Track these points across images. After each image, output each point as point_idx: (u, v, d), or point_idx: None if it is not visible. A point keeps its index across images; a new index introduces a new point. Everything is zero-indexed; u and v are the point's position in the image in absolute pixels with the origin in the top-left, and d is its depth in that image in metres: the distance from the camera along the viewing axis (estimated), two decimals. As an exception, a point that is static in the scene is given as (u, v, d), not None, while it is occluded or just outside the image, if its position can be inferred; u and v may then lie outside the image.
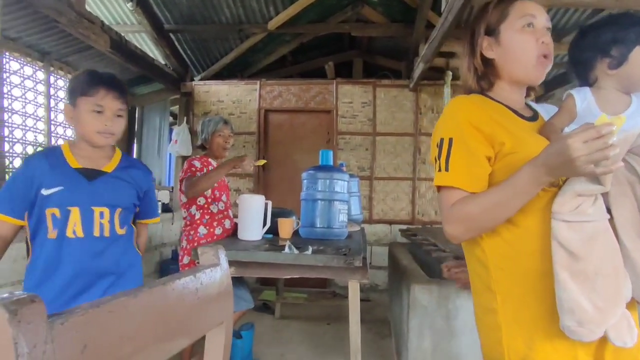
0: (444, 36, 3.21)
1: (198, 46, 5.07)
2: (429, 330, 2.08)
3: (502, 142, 0.94)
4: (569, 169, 0.78)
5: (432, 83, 5.00)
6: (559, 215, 0.86)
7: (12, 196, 1.36)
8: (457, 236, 0.95)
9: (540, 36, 0.98)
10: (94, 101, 1.36)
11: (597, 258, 0.84)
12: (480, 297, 1.01)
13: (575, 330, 0.82)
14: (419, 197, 5.04)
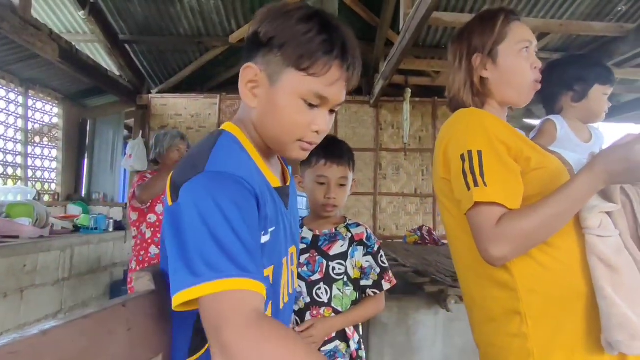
0: (402, 54, 3.29)
1: (155, 58, 4.94)
2: (389, 348, 2.05)
3: (527, 157, 0.92)
4: (635, 174, 0.80)
5: (392, 99, 5.11)
6: (592, 230, 0.86)
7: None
8: (506, 256, 0.85)
9: (534, 62, 1.00)
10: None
11: (628, 270, 0.85)
12: (497, 322, 0.95)
13: (629, 345, 0.80)
14: (380, 212, 5.08)
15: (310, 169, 1.30)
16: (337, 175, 1.28)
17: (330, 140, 1.36)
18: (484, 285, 0.97)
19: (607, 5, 3.77)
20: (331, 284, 1.27)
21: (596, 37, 3.61)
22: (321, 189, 1.28)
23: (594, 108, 1.12)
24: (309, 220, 1.39)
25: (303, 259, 1.30)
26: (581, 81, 1.12)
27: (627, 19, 3.82)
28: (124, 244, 4.58)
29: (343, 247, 1.31)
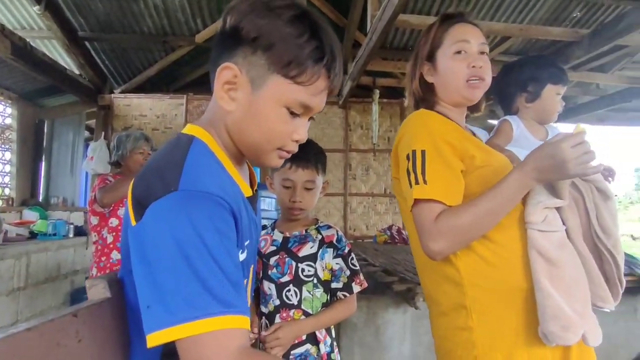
0: (369, 55, 3.32)
1: (117, 56, 4.76)
2: (358, 348, 2.05)
3: (472, 156, 0.96)
4: (560, 171, 0.82)
5: (361, 100, 5.15)
6: (534, 225, 0.90)
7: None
8: (443, 251, 0.90)
9: (472, 61, 1.02)
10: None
11: (569, 265, 0.90)
12: (447, 316, 0.99)
13: (561, 335, 0.84)
14: (350, 212, 5.11)
15: (277, 172, 1.29)
16: (302, 178, 1.27)
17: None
18: (436, 281, 1.01)
19: (563, 11, 3.94)
20: (301, 285, 1.26)
21: (554, 41, 3.77)
22: (287, 192, 1.28)
23: (547, 108, 1.14)
24: (280, 223, 1.38)
25: (272, 260, 1.29)
26: (534, 81, 1.15)
27: (582, 24, 4.01)
28: (85, 250, 4.40)
29: (313, 248, 1.30)
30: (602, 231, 0.94)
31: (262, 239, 1.36)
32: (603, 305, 0.94)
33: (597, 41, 3.20)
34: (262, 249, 1.34)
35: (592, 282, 0.93)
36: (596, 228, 0.94)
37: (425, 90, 1.09)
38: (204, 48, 4.67)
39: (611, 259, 0.93)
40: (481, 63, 1.02)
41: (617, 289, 0.94)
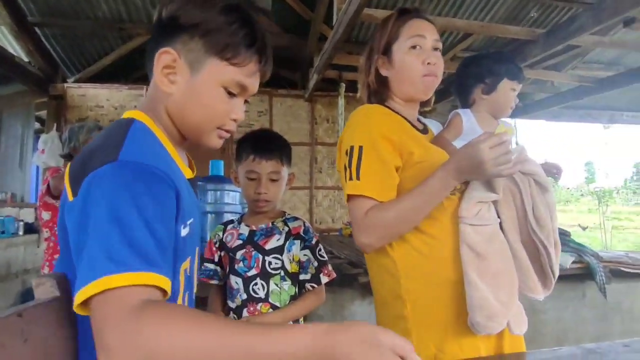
0: (335, 49, 3.32)
1: (70, 43, 4.51)
2: (325, 341, 2.06)
3: (410, 152, 0.98)
4: (478, 171, 0.84)
5: (327, 94, 5.15)
6: (466, 219, 0.93)
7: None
8: (371, 244, 0.94)
9: (426, 57, 1.03)
10: None
11: (498, 257, 0.94)
12: (387, 305, 1.02)
13: (486, 325, 0.88)
14: (316, 206, 5.11)
15: (241, 165, 1.27)
16: (267, 170, 1.26)
17: (261, 135, 1.34)
18: (377, 272, 1.05)
19: (521, 11, 4.09)
20: (268, 279, 1.25)
21: (513, 39, 3.91)
22: (252, 184, 1.26)
23: (502, 101, 1.17)
24: (246, 216, 1.37)
25: (239, 255, 1.27)
26: (492, 74, 1.17)
27: (538, 24, 4.18)
28: (36, 248, 4.16)
29: (279, 241, 1.29)
30: (536, 223, 0.97)
31: (228, 233, 1.34)
32: (532, 295, 0.98)
33: (552, 40, 3.34)
34: (229, 243, 1.32)
35: (522, 273, 0.97)
36: (531, 220, 0.97)
37: (379, 83, 1.10)
38: (164, 37, 4.51)
39: (544, 250, 0.97)
40: (435, 59, 1.04)
41: (550, 279, 0.99)
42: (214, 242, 1.37)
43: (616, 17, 2.76)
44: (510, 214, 0.99)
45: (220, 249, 1.35)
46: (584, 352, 0.90)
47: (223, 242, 1.34)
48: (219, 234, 1.37)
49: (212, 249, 1.37)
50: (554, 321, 2.63)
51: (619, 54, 4.92)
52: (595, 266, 2.60)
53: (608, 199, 11.52)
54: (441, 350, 0.93)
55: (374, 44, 1.11)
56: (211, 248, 1.37)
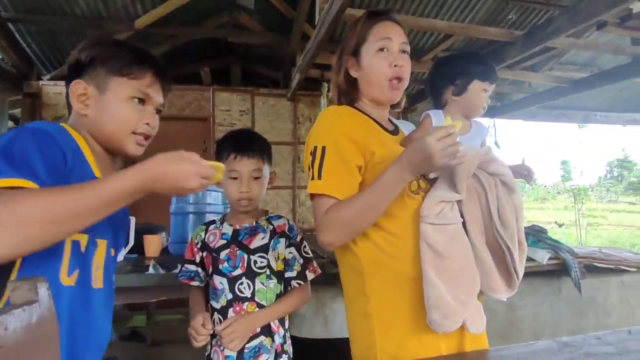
0: (318, 48, 3.32)
1: (47, 40, 4.38)
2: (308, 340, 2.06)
3: (372, 152, 0.99)
4: (428, 163, 0.86)
5: (309, 93, 5.14)
6: (427, 218, 0.95)
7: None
8: (332, 242, 0.96)
9: (393, 60, 1.05)
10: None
11: (458, 256, 0.96)
12: (353, 303, 1.04)
13: (441, 323, 0.91)
14: (299, 205, 5.11)
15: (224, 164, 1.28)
16: (248, 168, 1.26)
17: (241, 134, 1.34)
18: (345, 269, 1.07)
19: (500, 13, 4.17)
20: (254, 277, 1.25)
21: (492, 40, 3.98)
22: (234, 183, 1.26)
23: (473, 102, 1.18)
24: (229, 216, 1.37)
25: (223, 254, 1.27)
26: (463, 75, 1.18)
27: (516, 26, 4.27)
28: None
29: (264, 239, 1.29)
30: (501, 224, 0.99)
31: (210, 233, 1.33)
32: (495, 295, 1.01)
33: (530, 42, 3.42)
34: (211, 244, 1.31)
35: (484, 273, 0.99)
36: (496, 221, 0.99)
37: (349, 84, 1.12)
38: (143, 35, 4.43)
39: (507, 250, 0.99)
40: (402, 62, 1.06)
41: (514, 280, 1.01)
42: (195, 243, 1.35)
43: (590, 21, 2.84)
44: (475, 214, 1.01)
45: (202, 249, 1.33)
46: (560, 346, 0.93)
47: (205, 243, 1.33)
48: (201, 235, 1.36)
49: (193, 249, 1.35)
50: (532, 316, 2.69)
51: (593, 56, 5.07)
52: (570, 262, 2.67)
53: (583, 197, 11.85)
54: (402, 347, 0.95)
55: (345, 45, 1.13)
56: (192, 249, 1.35)
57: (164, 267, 1.77)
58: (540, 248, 2.75)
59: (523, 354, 0.90)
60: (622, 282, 2.94)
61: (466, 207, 1.01)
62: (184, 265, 1.35)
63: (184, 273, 1.34)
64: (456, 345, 1.00)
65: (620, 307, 2.91)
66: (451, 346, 0.99)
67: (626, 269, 2.95)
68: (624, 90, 5.93)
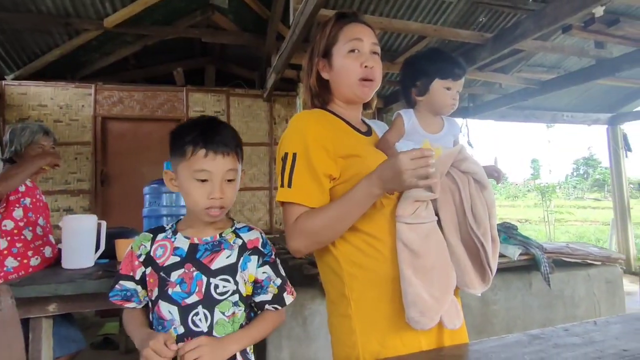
0: (293, 49, 3.31)
1: (9, 38, 4.21)
2: (286, 340, 2.06)
3: (346, 155, 1.00)
4: (398, 181, 0.87)
5: (285, 94, 5.13)
6: (402, 218, 0.97)
7: None
8: (300, 250, 0.97)
9: (364, 60, 1.06)
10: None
11: (433, 254, 0.97)
12: (334, 304, 1.04)
13: (418, 320, 0.93)
14: (276, 207, 5.08)
15: (186, 162, 1.00)
16: (223, 168, 1.01)
17: (210, 123, 1.06)
18: (325, 272, 1.07)
19: (471, 15, 4.27)
20: (213, 306, 0.99)
21: (463, 42, 4.07)
22: (202, 187, 1.00)
23: (437, 101, 1.15)
24: (184, 225, 1.08)
25: (175, 276, 1.00)
26: (423, 76, 1.16)
27: (486, 29, 4.38)
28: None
29: (230, 258, 1.04)
30: (474, 220, 1.02)
31: (159, 244, 1.04)
32: (470, 290, 1.03)
33: (499, 44, 3.52)
34: (159, 259, 1.02)
35: (459, 269, 1.02)
36: (469, 218, 1.02)
37: (321, 86, 1.12)
38: (113, 34, 4.32)
39: (480, 246, 1.01)
40: (372, 63, 1.07)
41: (488, 275, 1.03)
42: (136, 255, 1.05)
43: (555, 24, 2.95)
44: (449, 212, 1.03)
45: (146, 264, 1.03)
46: (529, 338, 0.96)
47: (150, 257, 1.03)
48: (145, 245, 1.05)
49: (132, 262, 1.05)
50: (504, 311, 2.77)
51: (560, 58, 5.26)
52: (539, 257, 2.77)
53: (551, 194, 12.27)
54: (384, 345, 0.96)
55: (315, 47, 1.12)
56: (132, 262, 1.05)
57: (137, 271, 1.72)
58: (511, 244, 2.84)
59: (495, 347, 0.92)
60: (588, 275, 3.06)
61: (440, 206, 1.03)
62: (117, 282, 1.05)
63: (117, 292, 1.04)
64: (436, 341, 1.01)
65: (586, 299, 3.02)
66: (431, 342, 1.00)
67: (592, 263, 3.07)
68: (589, 91, 6.19)
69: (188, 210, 1.09)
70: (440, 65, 1.14)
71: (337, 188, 1.01)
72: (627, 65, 3.95)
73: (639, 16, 4.08)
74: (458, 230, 1.04)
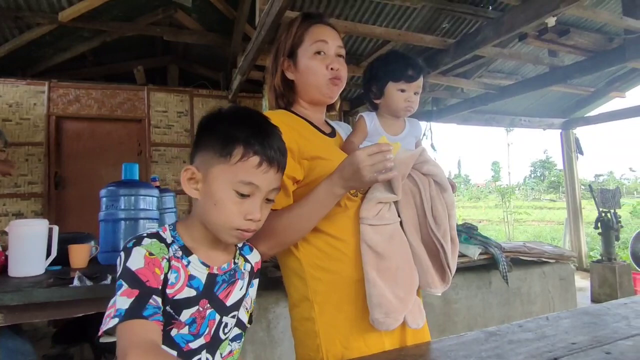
0: (258, 50, 3.28)
1: (-47, 31, 3.94)
2: (249, 345, 2.02)
3: (311, 157, 0.99)
4: (358, 177, 0.88)
5: (251, 95, 5.08)
6: (366, 220, 0.97)
7: None
8: (264, 252, 0.95)
9: (330, 62, 1.06)
10: None
11: (397, 255, 0.98)
12: (297, 308, 1.03)
13: (383, 321, 0.93)
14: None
15: (228, 166, 0.78)
16: (271, 184, 0.81)
17: (265, 123, 0.86)
18: (288, 275, 1.06)
19: (435, 22, 4.39)
20: (216, 349, 0.83)
21: (427, 48, 4.17)
22: (241, 203, 0.79)
23: (392, 104, 1.15)
24: (190, 240, 0.82)
25: (187, 315, 0.77)
26: (378, 79, 1.17)
27: (449, 35, 4.51)
28: None
29: (242, 289, 0.88)
30: (434, 222, 1.03)
31: (174, 266, 0.78)
32: (431, 290, 1.05)
33: (461, 50, 3.63)
34: (172, 288, 0.76)
35: (421, 269, 1.03)
36: (430, 219, 1.04)
37: (286, 87, 1.12)
38: (70, 29, 4.12)
39: (440, 247, 1.03)
40: (338, 65, 1.08)
41: (448, 275, 1.06)
42: (162, 266, 0.75)
43: (512, 32, 3.07)
44: (410, 214, 1.04)
45: (161, 288, 0.75)
46: (486, 335, 0.98)
47: (165, 281, 0.76)
48: (166, 258, 0.77)
49: (160, 267, 0.75)
50: (465, 309, 2.85)
51: (517, 65, 5.49)
52: (498, 257, 2.87)
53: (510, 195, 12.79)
54: (347, 348, 0.96)
55: (280, 46, 1.12)
56: (158, 266, 0.75)
57: (91, 278, 1.64)
58: (471, 244, 2.92)
59: (454, 345, 0.94)
60: (543, 272, 3.20)
61: (402, 207, 1.04)
62: (150, 296, 0.71)
63: (154, 309, 0.71)
64: (399, 341, 1.02)
65: (542, 295, 3.16)
66: (394, 342, 1.01)
67: (547, 261, 3.22)
68: (544, 97, 6.50)
69: (201, 221, 0.82)
70: (392, 68, 1.15)
71: (300, 190, 1.00)
72: (577, 74, 4.18)
73: (587, 28, 4.33)
74: (419, 232, 1.05)
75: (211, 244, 0.83)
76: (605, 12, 3.29)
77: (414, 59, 1.17)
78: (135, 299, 0.69)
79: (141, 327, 0.67)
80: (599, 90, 6.08)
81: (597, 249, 6.79)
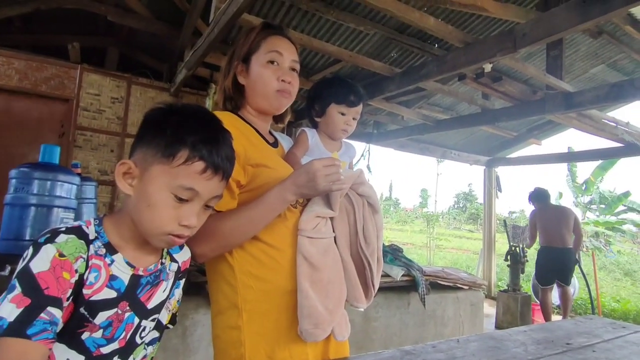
0: (209, 47, 3.19)
1: None
2: (162, 352, 1.91)
3: (256, 164, 1.00)
4: (312, 185, 0.92)
5: (195, 92, 4.91)
6: (304, 232, 0.99)
7: None
8: (205, 254, 0.94)
9: (282, 74, 1.08)
10: None
11: (329, 268, 1.01)
12: (223, 315, 1.00)
13: (312, 332, 0.95)
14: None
15: (168, 167, 0.73)
16: (213, 192, 0.78)
17: (216, 127, 0.81)
18: (216, 280, 1.05)
19: (385, 49, 4.58)
20: (129, 354, 0.79)
21: (375, 73, 4.33)
22: (178, 208, 0.74)
23: (331, 124, 1.21)
24: (116, 236, 0.77)
25: (102, 318, 0.72)
26: (320, 99, 1.22)
27: (397, 64, 4.73)
28: None
29: (165, 291, 0.84)
30: (364, 240, 1.09)
31: (94, 264, 0.72)
32: (357, 305, 1.10)
33: (406, 80, 3.82)
34: (90, 288, 0.71)
35: (350, 284, 1.08)
36: (360, 237, 1.09)
37: (236, 90, 1.13)
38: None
39: (367, 264, 1.09)
40: (290, 78, 1.10)
41: (371, 292, 1.11)
42: (74, 269, 0.68)
43: (453, 71, 3.31)
44: (344, 230, 1.09)
45: (75, 288, 0.69)
46: (402, 354, 1.02)
47: (81, 280, 0.70)
48: (83, 258, 0.70)
49: (64, 280, 0.67)
50: (383, 327, 2.94)
51: (454, 102, 5.90)
52: (419, 279, 3.01)
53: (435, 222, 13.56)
54: (272, 358, 0.96)
55: (236, 50, 1.13)
56: (62, 278, 0.67)
57: (-14, 267, 1.46)
58: (396, 265, 3.04)
59: (371, 362, 0.96)
60: (457, 297, 3.41)
61: (337, 223, 1.08)
62: (44, 308, 0.63)
63: (44, 325, 0.63)
64: (322, 353, 1.04)
65: (454, 319, 3.36)
66: (317, 354, 1.03)
67: (461, 287, 3.44)
68: (474, 135, 7.03)
69: (131, 220, 0.77)
70: (337, 91, 1.21)
71: (242, 196, 0.99)
72: (504, 117, 4.59)
73: (517, 78, 4.78)
74: (349, 248, 1.09)
75: (140, 243, 0.78)
76: (532, 67, 3.66)
77: (357, 86, 1.23)
78: (24, 310, 0.62)
79: (20, 349, 0.60)
80: (520, 135, 6.71)
81: (505, 279, 7.40)
